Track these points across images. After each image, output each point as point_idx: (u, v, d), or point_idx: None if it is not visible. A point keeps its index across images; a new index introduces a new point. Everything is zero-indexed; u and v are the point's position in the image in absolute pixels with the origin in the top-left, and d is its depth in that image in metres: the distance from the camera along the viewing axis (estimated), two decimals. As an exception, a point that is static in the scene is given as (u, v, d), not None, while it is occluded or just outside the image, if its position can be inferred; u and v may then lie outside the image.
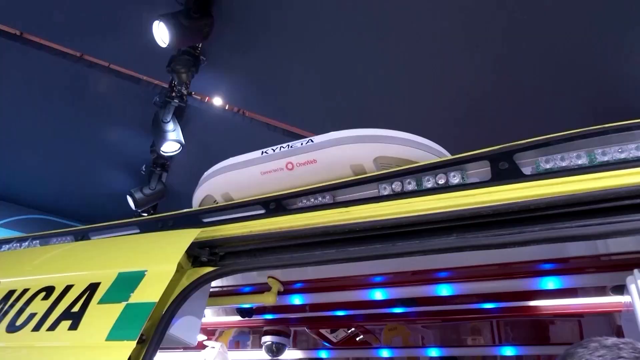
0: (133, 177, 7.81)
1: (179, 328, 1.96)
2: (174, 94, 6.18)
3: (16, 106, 6.65)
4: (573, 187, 1.49)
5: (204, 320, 3.08)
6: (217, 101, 6.65)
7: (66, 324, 1.69)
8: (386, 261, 2.05)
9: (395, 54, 4.79)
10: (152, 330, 1.75)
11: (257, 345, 3.54)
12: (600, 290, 2.15)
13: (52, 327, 1.71)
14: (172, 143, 6.49)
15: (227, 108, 6.74)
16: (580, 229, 1.43)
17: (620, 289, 1.99)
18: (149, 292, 1.67)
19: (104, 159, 7.93)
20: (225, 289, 2.57)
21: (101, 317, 1.65)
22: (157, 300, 1.64)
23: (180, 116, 6.46)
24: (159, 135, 6.38)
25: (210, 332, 3.60)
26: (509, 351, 3.09)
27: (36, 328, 1.74)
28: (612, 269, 1.91)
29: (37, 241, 2.61)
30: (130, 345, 1.50)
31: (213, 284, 2.46)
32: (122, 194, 7.33)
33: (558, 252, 1.86)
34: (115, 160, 7.99)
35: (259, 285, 2.42)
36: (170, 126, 6.34)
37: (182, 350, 3.89)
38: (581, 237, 1.43)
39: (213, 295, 2.55)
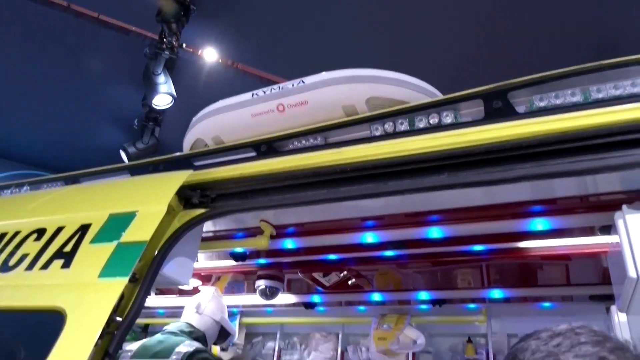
0: (126, 131, 7.72)
1: (172, 269, 1.98)
2: (164, 46, 6.02)
3: (1, 59, 6.46)
4: (566, 124, 1.47)
5: (198, 265, 3.13)
6: (210, 54, 6.49)
7: (58, 263, 1.70)
8: (378, 204, 2.06)
9: (391, -1, 4.66)
10: (145, 270, 1.77)
11: (252, 290, 3.61)
12: (589, 231, 2.18)
13: (45, 267, 1.72)
14: (163, 96, 6.38)
15: (219, 61, 6.59)
16: (571, 165, 1.42)
17: (608, 229, 2.01)
18: (140, 232, 1.67)
19: (95, 113, 7.81)
20: (218, 234, 2.58)
21: (93, 256, 1.66)
22: (148, 239, 1.64)
23: (171, 69, 6.33)
24: (150, 88, 6.26)
25: (206, 278, 3.66)
26: (497, 294, 3.18)
27: (29, 268, 1.75)
28: (601, 209, 1.92)
29: (28, 187, 2.60)
30: (123, 282, 1.52)
31: (206, 229, 2.49)
32: (115, 148, 7.27)
33: (547, 193, 1.86)
34: (106, 114, 7.87)
35: (252, 229, 2.43)
36: (161, 79, 6.22)
37: (177, 295, 3.98)
38: (572, 172, 1.43)
39: (206, 240, 2.58)
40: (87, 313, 1.48)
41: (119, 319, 1.52)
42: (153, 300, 4.13)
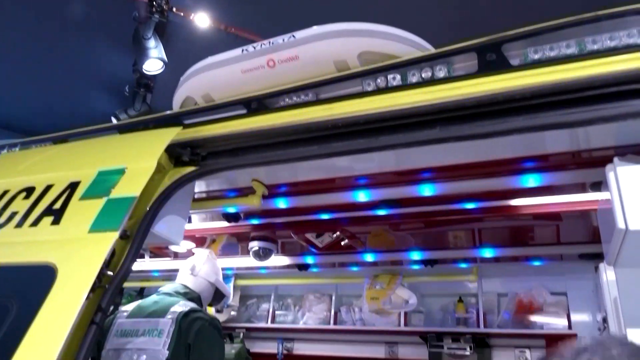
0: (117, 98, 7.60)
1: (163, 226, 1.98)
2: (154, 9, 5.87)
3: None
4: (560, 75, 1.45)
5: (191, 227, 3.14)
6: (201, 17, 6.34)
7: (48, 219, 1.69)
8: (369, 162, 2.05)
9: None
10: (136, 227, 1.77)
11: (246, 252, 3.63)
12: (580, 188, 2.19)
13: (35, 223, 1.71)
14: (154, 61, 6.27)
15: (211, 24, 6.44)
16: (565, 117, 1.41)
17: (599, 186, 2.02)
18: (129, 187, 1.66)
19: (84, 79, 7.65)
20: (210, 194, 2.57)
21: (82, 212, 1.65)
22: (137, 194, 1.63)
23: (162, 34, 6.18)
24: (141, 53, 6.15)
25: (200, 240, 3.68)
26: (487, 253, 3.22)
27: (19, 225, 1.74)
28: (592, 165, 1.92)
29: (17, 148, 2.56)
30: (113, 235, 1.52)
31: (198, 189, 2.47)
32: (106, 116, 7.16)
33: (539, 149, 1.85)
34: (96, 81, 7.73)
35: (244, 189, 2.42)
36: (151, 43, 6.10)
37: (172, 257, 4.00)
38: (565, 124, 1.42)
39: (198, 200, 2.57)
40: (78, 267, 1.48)
41: (110, 273, 1.53)
42: (148, 264, 4.17)
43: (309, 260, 3.72)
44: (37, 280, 1.53)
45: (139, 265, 4.22)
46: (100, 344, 2.74)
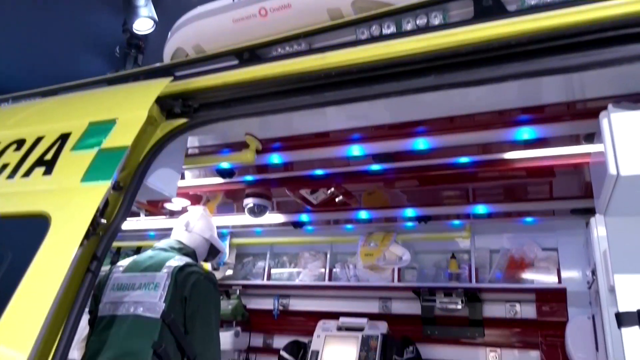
0: (107, 60, 7.43)
1: (156, 179, 1.98)
2: (142, -34, 5.68)
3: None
4: (557, 20, 1.43)
5: (186, 183, 3.14)
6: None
7: (40, 170, 1.69)
8: (363, 115, 2.03)
9: None
10: (128, 179, 1.76)
11: (241, 211, 3.64)
12: (574, 141, 2.19)
13: (27, 174, 1.70)
14: (144, 20, 6.10)
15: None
16: (561, 62, 1.40)
17: (592, 137, 2.02)
18: (121, 138, 1.65)
19: (74, 41, 7.44)
20: (203, 150, 2.56)
21: (74, 163, 1.65)
22: (129, 145, 1.62)
23: (152, -10, 6.01)
24: (131, 12, 5.98)
25: (195, 199, 3.69)
26: (480, 209, 3.25)
27: (11, 176, 1.73)
28: (586, 116, 1.92)
29: (7, 103, 2.53)
30: (105, 186, 1.51)
31: (191, 144, 2.46)
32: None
33: (534, 100, 1.83)
34: (86, 42, 7.52)
35: (238, 144, 2.40)
36: (141, 1, 5.92)
37: (167, 217, 4.02)
38: (561, 69, 1.41)
39: (192, 155, 2.56)
40: (71, 216, 1.49)
41: (104, 221, 1.53)
42: (143, 223, 4.19)
43: (304, 218, 3.74)
44: (31, 229, 1.54)
45: (134, 224, 4.24)
46: (97, 298, 2.78)
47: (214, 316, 2.64)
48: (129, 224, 4.28)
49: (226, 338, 4.00)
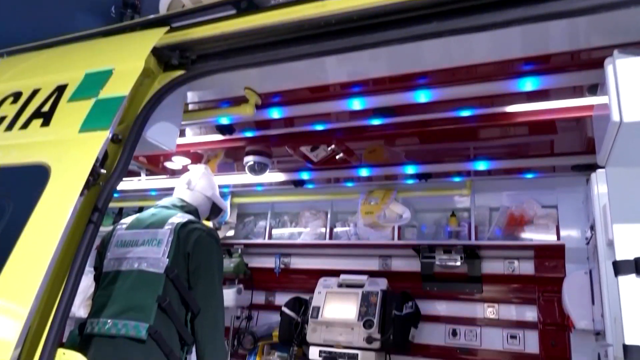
0: (103, 20, 7.26)
1: (155, 132, 1.97)
2: None
3: None
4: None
5: (186, 141, 3.13)
6: None
7: (38, 122, 1.68)
8: (363, 66, 2.00)
9: None
10: (127, 131, 1.75)
11: (241, 169, 3.64)
12: (578, 92, 2.16)
13: (25, 126, 1.70)
14: (140, -23, 5.93)
15: None
16: (566, 5, 1.36)
17: (596, 88, 1.99)
18: (118, 87, 1.63)
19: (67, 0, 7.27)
20: (203, 104, 2.53)
21: (72, 113, 1.64)
22: (126, 93, 1.60)
23: (146, -60, 5.81)
24: (125, -32, 5.79)
25: (195, 157, 3.68)
26: (481, 166, 3.24)
27: (8, 128, 1.73)
28: (591, 66, 1.88)
29: (2, 57, 2.49)
30: (104, 134, 1.51)
31: (190, 99, 2.43)
32: (91, 38, 6.87)
33: (538, 48, 1.80)
34: (81, 1, 7.34)
35: (237, 98, 2.38)
36: (136, -42, 5.74)
37: (168, 177, 4.03)
38: (565, 13, 1.37)
39: (191, 111, 2.54)
40: (71, 165, 1.49)
41: (104, 171, 1.53)
42: (145, 183, 4.21)
43: (305, 176, 3.74)
44: (31, 179, 1.54)
45: (136, 184, 4.26)
46: (101, 254, 2.82)
47: (216, 271, 2.67)
48: (131, 184, 4.30)
49: (229, 295, 4.07)
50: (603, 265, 2.54)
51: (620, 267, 1.60)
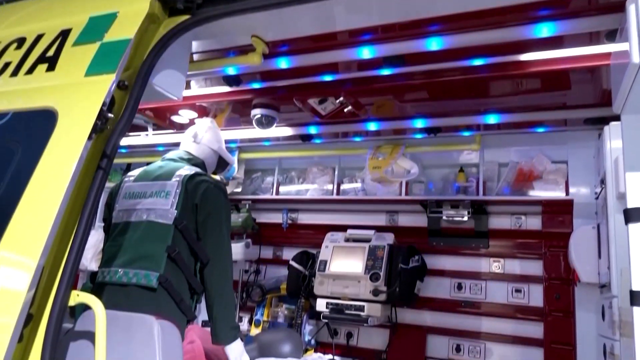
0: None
1: (162, 79, 1.94)
2: None
3: None
4: None
5: (192, 93, 3.09)
6: None
7: (43, 67, 1.65)
8: (372, 10, 1.93)
9: None
10: (133, 77, 1.73)
11: (249, 123, 3.61)
12: (594, 40, 2.09)
13: (30, 71, 1.68)
14: None
15: None
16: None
17: (614, 35, 1.93)
18: (123, 30, 1.60)
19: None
20: (209, 54, 2.48)
21: (77, 57, 1.61)
22: (131, 37, 1.57)
23: None
24: None
25: (202, 110, 3.65)
26: (492, 119, 3.19)
27: (14, 74, 1.71)
28: (611, 10, 1.81)
29: (2, 3, 2.43)
30: (110, 78, 1.48)
31: (196, 49, 2.38)
32: None
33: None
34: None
35: (243, 47, 2.33)
36: None
37: (175, 131, 4.02)
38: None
39: (198, 61, 2.50)
40: (78, 109, 1.47)
41: (111, 115, 1.52)
42: (152, 138, 4.20)
43: (312, 130, 3.71)
44: (39, 124, 1.54)
45: (143, 139, 4.25)
46: (110, 206, 2.84)
47: (224, 223, 2.68)
48: (138, 139, 4.30)
49: (237, 249, 4.13)
50: (612, 219, 2.54)
51: (631, 215, 1.59)
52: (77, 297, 1.54)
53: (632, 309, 1.56)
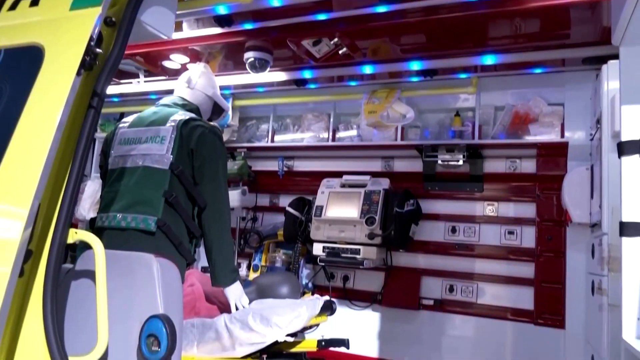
0: None
1: (150, 17, 1.87)
2: None
3: None
4: None
5: (183, 35, 3.02)
6: None
7: (26, 2, 1.61)
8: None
9: None
10: (121, 13, 1.67)
11: (242, 69, 3.55)
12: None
13: (13, 7, 1.63)
14: None
15: None
16: None
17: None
18: (107, -39, 1.53)
19: None
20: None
21: (61, -10, 1.55)
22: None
23: None
24: None
25: (195, 56, 3.57)
26: (489, 60, 3.13)
27: (-3, 9, 1.65)
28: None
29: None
30: (95, 11, 1.44)
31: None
32: None
33: None
34: None
35: (234, -15, 2.25)
36: None
37: (167, 77, 3.95)
38: None
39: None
40: (65, 44, 1.44)
41: (99, 50, 1.48)
42: (144, 85, 4.13)
43: (307, 75, 3.65)
44: (26, 61, 1.50)
45: (135, 87, 4.18)
46: (106, 153, 2.83)
47: (221, 168, 2.69)
48: (130, 86, 4.23)
49: (234, 196, 4.16)
50: (606, 158, 2.55)
51: (624, 148, 1.60)
52: (76, 234, 1.56)
53: (620, 240, 1.59)
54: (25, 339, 1.41)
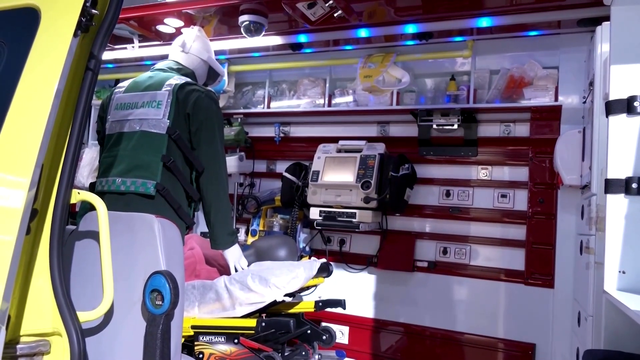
0: None
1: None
2: None
3: None
4: None
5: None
6: None
7: (19, -36, 1.58)
8: None
9: None
10: (115, -26, 1.67)
11: (237, 33, 3.52)
12: None
13: (6, -32, 1.61)
14: None
15: None
16: None
17: None
18: None
19: None
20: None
21: (54, -49, 1.54)
22: None
23: None
24: None
25: (189, 20, 3.54)
26: (484, 22, 3.13)
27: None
28: None
29: None
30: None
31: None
32: None
33: None
34: None
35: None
36: None
37: (161, 43, 3.92)
38: None
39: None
40: (60, 5, 1.44)
41: (95, 11, 1.49)
42: (138, 51, 4.11)
43: (302, 39, 3.63)
44: (22, 24, 1.51)
45: (129, 53, 4.16)
46: (103, 119, 2.85)
47: (217, 132, 2.71)
48: (124, 52, 4.20)
49: (231, 162, 4.20)
50: (597, 120, 2.59)
51: (612, 107, 1.64)
52: (78, 195, 1.61)
53: (605, 197, 1.65)
54: (34, 294, 1.47)
